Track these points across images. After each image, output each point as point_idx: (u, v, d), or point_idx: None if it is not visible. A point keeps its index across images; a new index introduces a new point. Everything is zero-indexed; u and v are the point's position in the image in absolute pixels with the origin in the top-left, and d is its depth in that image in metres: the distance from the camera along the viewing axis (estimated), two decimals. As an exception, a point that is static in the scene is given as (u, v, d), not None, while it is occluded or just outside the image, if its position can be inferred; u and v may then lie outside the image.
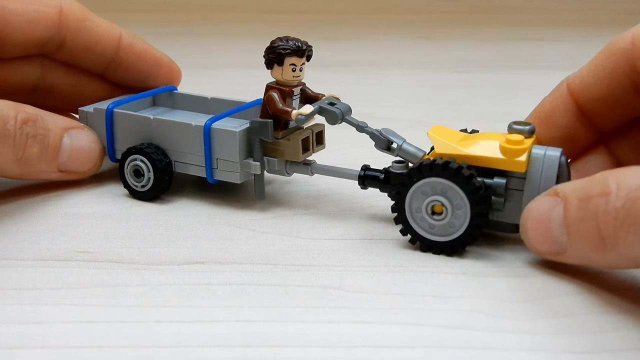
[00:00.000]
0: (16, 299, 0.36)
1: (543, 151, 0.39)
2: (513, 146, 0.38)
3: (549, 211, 0.36)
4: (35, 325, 0.34)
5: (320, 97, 0.44)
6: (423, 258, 0.40)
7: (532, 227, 0.37)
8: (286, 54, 0.42)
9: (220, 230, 0.43)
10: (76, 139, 0.46)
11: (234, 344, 0.33)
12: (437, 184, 0.39)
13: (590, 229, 0.34)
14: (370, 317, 0.35)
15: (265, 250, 0.41)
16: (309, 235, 0.43)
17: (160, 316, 0.35)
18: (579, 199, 0.35)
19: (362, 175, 0.43)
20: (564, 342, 0.33)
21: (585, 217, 0.34)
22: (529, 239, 0.37)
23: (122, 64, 0.50)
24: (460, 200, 0.39)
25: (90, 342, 0.33)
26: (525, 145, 0.38)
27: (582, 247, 0.35)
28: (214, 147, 0.44)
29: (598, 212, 0.33)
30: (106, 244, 0.41)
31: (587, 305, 0.36)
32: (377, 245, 0.41)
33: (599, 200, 0.33)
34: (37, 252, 0.40)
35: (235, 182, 0.45)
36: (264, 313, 0.35)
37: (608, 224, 0.33)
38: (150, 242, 0.42)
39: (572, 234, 0.35)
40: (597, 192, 0.34)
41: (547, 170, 0.38)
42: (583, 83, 0.41)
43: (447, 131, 0.41)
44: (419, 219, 0.40)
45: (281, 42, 0.42)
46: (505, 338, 0.33)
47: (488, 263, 0.40)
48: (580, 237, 0.35)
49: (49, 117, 0.45)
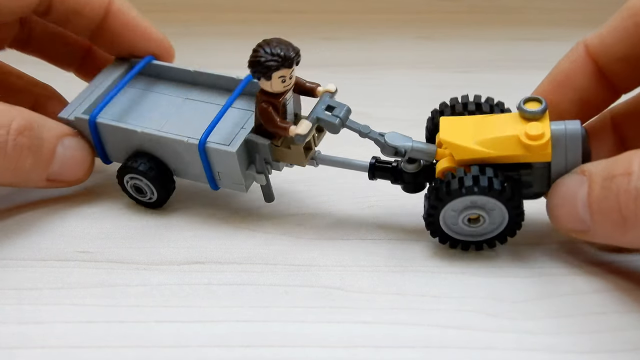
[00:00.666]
0: (16, 299, 0.36)
1: (563, 128, 0.37)
2: (535, 142, 0.36)
3: (575, 189, 0.36)
4: (35, 325, 0.34)
5: (315, 88, 0.41)
6: (423, 258, 0.40)
7: (559, 205, 0.37)
8: (273, 69, 0.37)
9: (220, 230, 0.43)
10: (70, 148, 0.44)
11: (234, 344, 0.33)
12: (468, 200, 0.37)
13: (612, 207, 0.34)
14: (370, 317, 0.35)
15: (265, 250, 0.41)
16: (309, 235, 0.43)
17: (160, 316, 0.35)
18: (602, 178, 0.35)
19: (373, 164, 0.42)
20: (564, 342, 0.33)
21: (608, 195, 0.34)
22: (556, 217, 0.37)
23: (109, 31, 0.46)
24: (494, 204, 0.37)
25: (90, 342, 0.33)
26: (547, 137, 0.36)
27: (604, 225, 0.35)
28: (213, 163, 0.42)
29: (620, 191, 0.34)
30: (106, 244, 0.41)
31: (587, 305, 0.36)
32: (377, 245, 0.41)
33: (622, 180, 0.34)
34: (37, 252, 0.40)
35: (242, 192, 0.43)
36: (264, 313, 0.35)
37: (629, 203, 0.33)
38: (150, 242, 0.42)
39: (594, 213, 0.35)
40: (620, 171, 0.34)
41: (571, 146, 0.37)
42: (603, 44, 0.40)
43: (456, 126, 0.39)
44: (457, 229, 0.39)
45: (265, 53, 0.37)
46: (505, 338, 0.33)
47: (488, 263, 0.40)
48: (603, 216, 0.35)
49: (43, 123, 0.43)
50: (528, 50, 0.65)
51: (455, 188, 0.36)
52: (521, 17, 0.70)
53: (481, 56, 0.64)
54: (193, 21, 0.69)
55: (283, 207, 0.46)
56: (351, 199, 0.46)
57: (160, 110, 0.45)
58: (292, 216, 0.45)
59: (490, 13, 0.70)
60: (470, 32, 0.68)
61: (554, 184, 0.37)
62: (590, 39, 0.40)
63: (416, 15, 0.70)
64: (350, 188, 0.47)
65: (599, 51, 0.40)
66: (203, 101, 0.45)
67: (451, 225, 0.39)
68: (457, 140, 0.38)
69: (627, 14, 0.39)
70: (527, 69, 0.62)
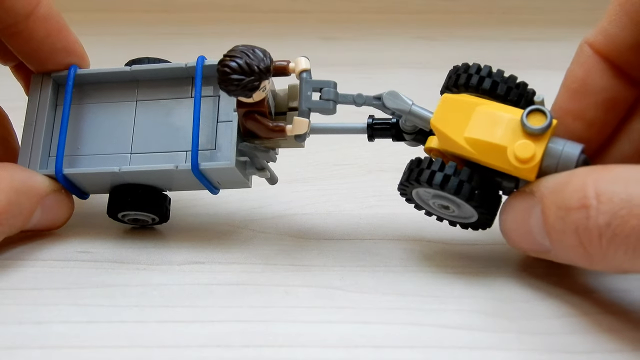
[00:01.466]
0: (16, 299, 0.36)
1: (560, 147, 0.34)
2: (521, 165, 0.34)
3: (528, 212, 0.34)
4: (35, 325, 0.34)
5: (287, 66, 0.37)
6: (423, 258, 0.40)
7: (513, 230, 0.35)
8: (255, 87, 0.35)
9: (220, 230, 0.43)
10: (48, 208, 0.40)
11: (234, 344, 0.33)
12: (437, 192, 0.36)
13: (574, 243, 0.31)
14: (370, 317, 0.35)
15: (265, 250, 0.41)
16: (309, 235, 0.43)
17: (160, 316, 0.35)
18: (557, 207, 0.32)
19: (371, 124, 0.39)
20: (563, 342, 0.33)
21: (566, 230, 0.31)
22: (511, 239, 0.36)
23: (28, 33, 0.40)
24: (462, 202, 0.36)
25: (90, 342, 0.33)
26: (535, 162, 0.34)
27: (566, 256, 0.33)
28: (210, 177, 0.39)
29: (579, 228, 0.31)
30: (106, 244, 0.41)
31: (587, 306, 0.36)
32: (377, 245, 0.41)
33: (578, 214, 0.30)
34: (37, 252, 0.40)
35: (247, 188, 0.41)
36: (264, 313, 0.35)
37: (592, 241, 0.30)
38: (150, 242, 0.42)
39: (555, 242, 0.33)
40: (575, 204, 0.31)
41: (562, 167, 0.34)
42: (608, 36, 0.36)
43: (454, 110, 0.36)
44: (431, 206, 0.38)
45: (239, 73, 0.35)
46: (505, 338, 0.33)
47: (488, 263, 0.40)
48: (564, 248, 0.32)
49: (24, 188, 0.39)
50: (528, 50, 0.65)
51: (424, 179, 0.35)
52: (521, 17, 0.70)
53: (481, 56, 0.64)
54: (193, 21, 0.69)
55: (283, 207, 0.46)
56: (351, 199, 0.46)
57: (118, 126, 0.41)
58: (292, 216, 0.45)
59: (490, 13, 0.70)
60: (470, 32, 0.68)
61: (503, 205, 0.35)
62: (594, 36, 0.37)
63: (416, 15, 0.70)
64: (350, 188, 0.47)
65: (607, 45, 0.37)
66: (157, 99, 0.41)
67: (425, 200, 0.38)
68: (447, 129, 0.36)
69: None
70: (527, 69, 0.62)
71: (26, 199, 0.38)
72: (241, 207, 0.46)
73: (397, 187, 0.39)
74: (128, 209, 0.40)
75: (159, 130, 0.40)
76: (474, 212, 0.37)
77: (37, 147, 0.41)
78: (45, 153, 0.41)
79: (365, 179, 0.46)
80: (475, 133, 0.35)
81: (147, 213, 0.41)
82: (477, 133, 0.35)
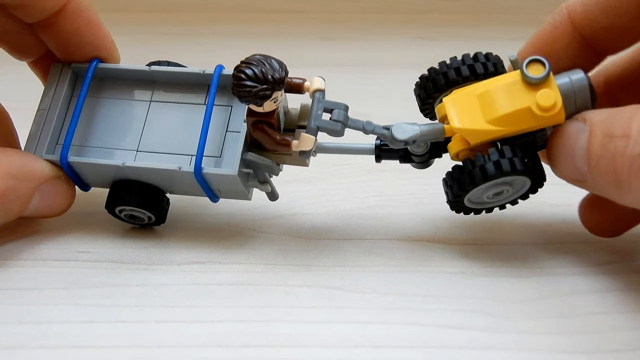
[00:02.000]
0: (16, 299, 0.36)
1: (569, 82, 0.36)
2: (548, 113, 0.35)
3: (575, 137, 0.35)
4: (35, 325, 0.34)
5: (303, 85, 0.38)
6: (423, 258, 0.40)
7: (558, 154, 0.36)
8: (268, 96, 0.35)
9: (220, 230, 0.43)
10: (47, 194, 0.40)
11: (234, 344, 0.33)
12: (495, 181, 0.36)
13: (609, 168, 0.33)
14: (370, 317, 0.35)
15: (265, 250, 0.41)
16: (309, 235, 0.43)
17: (160, 316, 0.35)
18: (603, 134, 0.34)
19: (378, 146, 0.39)
20: (564, 342, 0.33)
21: (605, 155, 0.34)
22: (554, 163, 0.37)
23: (58, 28, 0.42)
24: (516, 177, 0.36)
25: (90, 342, 0.33)
26: (559, 106, 0.35)
27: (600, 182, 0.35)
28: (212, 183, 0.39)
29: (617, 154, 0.33)
30: (106, 244, 0.41)
31: (587, 306, 0.36)
32: (377, 245, 0.41)
33: (620, 142, 0.33)
34: (37, 252, 0.40)
35: (247, 200, 0.41)
36: (264, 313, 0.35)
37: (624, 169, 0.33)
38: (150, 242, 0.42)
39: (592, 168, 0.35)
40: (619, 132, 0.33)
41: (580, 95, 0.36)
42: (587, 12, 0.38)
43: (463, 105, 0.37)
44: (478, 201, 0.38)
45: (253, 81, 0.35)
46: (505, 338, 0.33)
47: (488, 263, 0.40)
48: (599, 173, 0.34)
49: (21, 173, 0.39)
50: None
51: (479, 178, 0.36)
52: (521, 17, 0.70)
53: (481, 56, 0.64)
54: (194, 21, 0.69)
55: (283, 207, 0.46)
56: (351, 199, 0.46)
57: (129, 122, 0.41)
58: (292, 216, 0.45)
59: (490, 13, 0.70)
60: (470, 32, 0.68)
61: (554, 131, 0.36)
62: (574, 5, 0.38)
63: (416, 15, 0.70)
64: (350, 188, 0.47)
65: (583, 19, 0.38)
66: (171, 102, 0.42)
67: (477, 200, 0.38)
68: (469, 124, 0.36)
69: None
70: (527, 69, 0.62)
71: (23, 185, 0.39)
72: (241, 207, 0.46)
73: (450, 206, 0.38)
74: (124, 203, 0.40)
75: (168, 132, 0.40)
76: (526, 180, 0.37)
77: (47, 133, 0.41)
78: (54, 140, 0.41)
79: (365, 179, 0.46)
80: (494, 112, 0.36)
81: (142, 210, 0.40)
82: (495, 112, 0.36)
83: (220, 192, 0.41)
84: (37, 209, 0.40)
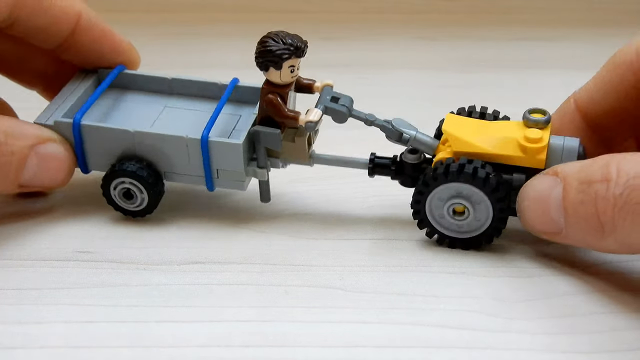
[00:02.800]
0: (16, 299, 0.36)
1: (562, 142, 0.38)
2: (532, 145, 0.37)
3: (548, 191, 0.36)
4: (35, 325, 0.34)
5: (313, 85, 0.41)
6: (423, 258, 0.40)
7: (530, 206, 0.37)
8: (285, 58, 0.38)
9: (220, 230, 0.43)
10: (44, 157, 0.41)
11: (234, 344, 0.33)
12: (453, 188, 0.38)
13: (589, 213, 0.34)
14: (370, 317, 0.35)
15: (265, 250, 0.41)
16: (309, 235, 0.43)
17: (160, 316, 0.35)
18: (579, 182, 0.35)
19: (372, 160, 0.42)
20: (564, 342, 0.33)
21: (585, 200, 0.34)
22: (526, 218, 0.37)
23: (76, 45, 0.45)
24: (480, 197, 0.38)
25: (90, 342, 0.33)
26: (544, 143, 0.37)
27: (579, 229, 0.35)
28: (214, 159, 0.40)
29: (598, 197, 0.34)
30: (106, 244, 0.41)
31: (587, 305, 0.36)
32: (377, 245, 0.41)
33: (600, 186, 0.34)
34: (37, 252, 0.40)
35: (241, 190, 0.42)
36: (264, 313, 0.35)
37: (607, 210, 0.33)
38: (150, 242, 0.42)
39: (570, 216, 0.35)
40: (598, 177, 0.34)
41: (566, 160, 0.37)
42: (590, 98, 0.41)
43: (462, 124, 0.40)
44: (442, 222, 0.40)
45: (276, 43, 0.38)
46: (505, 338, 0.33)
47: (488, 263, 0.40)
48: (579, 220, 0.35)
49: (13, 132, 0.39)
50: (528, 50, 0.65)
51: (440, 173, 0.37)
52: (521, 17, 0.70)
53: (481, 56, 0.64)
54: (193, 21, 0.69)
55: (283, 207, 0.46)
56: (351, 199, 0.46)
57: (142, 117, 0.43)
58: (292, 216, 0.45)
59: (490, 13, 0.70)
60: (470, 32, 0.68)
61: (525, 185, 0.37)
62: (580, 94, 0.41)
63: (416, 15, 0.70)
64: (350, 188, 0.47)
65: (586, 105, 0.41)
66: (184, 108, 0.44)
67: (437, 216, 0.39)
68: (458, 132, 0.39)
69: (612, 66, 0.40)
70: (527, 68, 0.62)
71: (16, 142, 0.39)
72: (241, 207, 0.46)
73: (413, 198, 0.39)
74: (128, 175, 0.41)
75: (178, 126, 0.42)
76: (489, 207, 0.38)
77: (64, 107, 0.43)
78: (70, 113, 0.42)
79: (365, 179, 0.45)
80: (485, 134, 0.39)
81: (142, 186, 0.41)
82: (487, 133, 0.39)
83: (219, 176, 0.41)
84: (35, 175, 0.40)
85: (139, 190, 0.41)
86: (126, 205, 0.42)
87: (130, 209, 0.43)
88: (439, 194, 0.38)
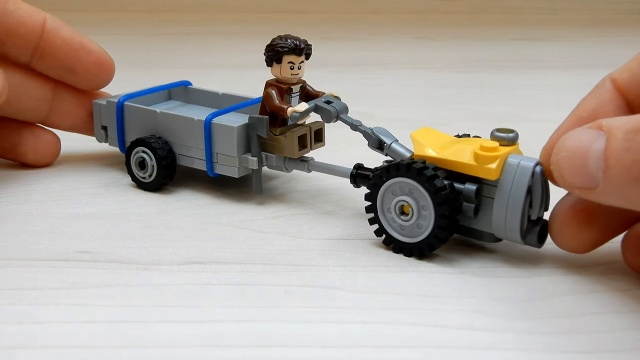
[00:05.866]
0: (16, 299, 0.36)
1: (518, 160, 0.38)
2: (485, 153, 0.37)
3: (589, 143, 0.35)
4: (35, 325, 0.34)
5: (321, 95, 0.45)
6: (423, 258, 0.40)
7: (568, 158, 0.36)
8: (284, 52, 0.43)
9: (220, 230, 0.43)
10: None
11: (234, 344, 0.33)
12: (404, 184, 0.39)
13: (634, 160, 0.33)
14: (370, 317, 0.35)
15: (265, 250, 0.41)
16: (309, 235, 0.43)
17: (160, 316, 0.35)
18: (626, 131, 0.33)
19: (354, 173, 0.44)
20: (563, 342, 0.33)
21: (631, 148, 0.33)
22: (562, 170, 0.36)
23: (48, 49, 0.48)
24: (426, 201, 0.38)
25: (90, 342, 0.33)
26: (499, 153, 0.37)
27: (619, 180, 0.34)
28: (214, 142, 0.46)
29: None
30: (106, 244, 0.41)
31: (587, 306, 0.36)
32: (377, 245, 0.41)
33: None
34: (37, 252, 0.40)
35: (234, 176, 0.45)
36: (264, 313, 0.35)
37: None
38: (150, 242, 0.42)
39: (611, 167, 0.34)
40: None
41: (518, 179, 0.37)
42: (634, 77, 0.39)
43: (433, 134, 0.41)
44: (390, 220, 0.40)
45: (280, 40, 0.43)
46: (505, 338, 0.33)
47: (488, 263, 0.40)
48: (621, 169, 0.33)
49: None
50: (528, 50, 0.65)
51: (393, 167, 0.39)
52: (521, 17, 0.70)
53: (481, 56, 0.64)
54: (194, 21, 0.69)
55: (283, 207, 0.46)
56: (351, 199, 0.46)
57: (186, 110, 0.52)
58: (291, 216, 0.45)
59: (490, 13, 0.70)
60: (470, 32, 0.68)
61: (562, 138, 0.36)
62: (619, 73, 0.39)
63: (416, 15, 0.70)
64: (350, 188, 0.47)
65: (629, 85, 0.39)
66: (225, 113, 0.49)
67: (386, 212, 0.40)
68: (422, 139, 0.40)
69: None
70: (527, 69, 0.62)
71: None
72: (241, 207, 0.46)
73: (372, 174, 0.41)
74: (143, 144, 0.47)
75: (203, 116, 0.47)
76: (431, 219, 0.38)
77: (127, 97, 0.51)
78: None
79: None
80: (450, 144, 0.40)
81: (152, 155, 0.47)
82: (452, 144, 0.40)
83: (218, 161, 0.46)
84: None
85: (149, 158, 0.47)
86: (139, 173, 0.48)
87: (144, 180, 0.48)
88: (391, 187, 0.40)
